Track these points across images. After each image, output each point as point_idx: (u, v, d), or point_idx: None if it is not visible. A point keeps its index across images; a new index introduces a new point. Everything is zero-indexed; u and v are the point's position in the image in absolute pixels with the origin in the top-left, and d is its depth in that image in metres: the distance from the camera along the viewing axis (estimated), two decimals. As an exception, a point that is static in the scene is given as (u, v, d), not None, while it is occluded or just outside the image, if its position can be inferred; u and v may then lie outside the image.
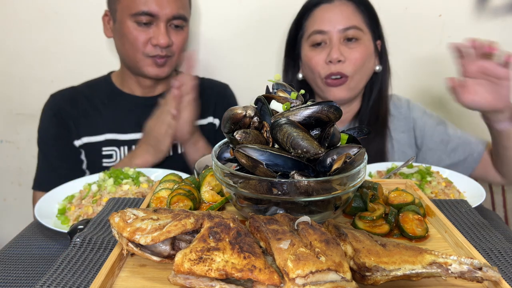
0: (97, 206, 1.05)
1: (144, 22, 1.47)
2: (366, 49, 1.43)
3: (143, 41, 1.48)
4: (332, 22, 1.40)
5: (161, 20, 1.46)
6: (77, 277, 0.64)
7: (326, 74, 1.42)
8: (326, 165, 0.67)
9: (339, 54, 1.39)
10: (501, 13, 1.79)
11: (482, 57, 1.29)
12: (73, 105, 1.59)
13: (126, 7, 1.48)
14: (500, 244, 0.72)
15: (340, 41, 1.41)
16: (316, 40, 1.43)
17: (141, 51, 1.50)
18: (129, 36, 1.49)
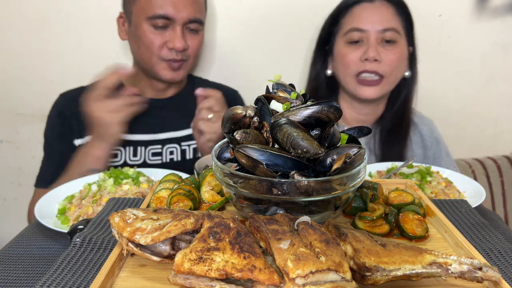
0: (97, 206, 1.05)
1: (160, 26, 1.46)
2: (401, 52, 1.45)
3: (159, 45, 1.47)
4: (371, 22, 1.41)
5: (178, 24, 1.46)
6: (77, 277, 0.64)
7: (360, 71, 1.43)
8: (326, 165, 0.67)
9: (376, 53, 1.40)
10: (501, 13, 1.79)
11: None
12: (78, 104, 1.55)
13: (142, 10, 1.47)
14: (500, 244, 0.72)
15: (378, 41, 1.42)
16: (353, 37, 1.44)
17: (156, 55, 1.49)
18: (145, 39, 1.48)
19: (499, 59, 1.86)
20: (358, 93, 1.47)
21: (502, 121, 1.97)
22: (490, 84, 1.90)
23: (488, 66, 1.87)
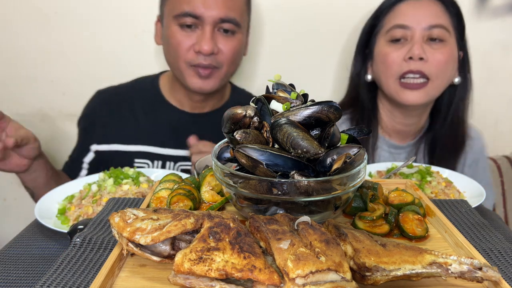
0: (97, 206, 1.05)
1: (188, 25, 1.32)
2: (451, 52, 1.31)
3: (186, 47, 1.33)
4: (417, 18, 1.29)
5: (207, 23, 1.30)
6: (77, 277, 0.64)
7: (403, 72, 1.30)
8: (326, 165, 0.67)
9: (422, 51, 1.27)
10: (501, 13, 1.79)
11: None
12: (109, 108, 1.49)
13: (170, 9, 1.35)
14: (500, 244, 0.72)
15: (424, 39, 1.29)
16: (395, 34, 1.31)
17: (183, 59, 1.34)
18: (172, 40, 1.34)
19: (499, 59, 1.86)
20: (400, 97, 1.32)
21: (502, 121, 1.97)
22: (490, 84, 1.90)
23: (488, 66, 1.87)
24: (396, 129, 1.47)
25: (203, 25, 1.31)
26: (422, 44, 1.29)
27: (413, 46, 1.28)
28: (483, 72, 1.88)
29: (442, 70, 1.30)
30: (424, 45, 1.29)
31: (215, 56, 1.34)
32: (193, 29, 1.33)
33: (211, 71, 1.35)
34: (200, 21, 1.31)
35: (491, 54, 1.85)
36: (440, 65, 1.29)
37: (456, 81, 1.38)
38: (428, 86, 1.31)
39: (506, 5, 1.77)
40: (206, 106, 1.50)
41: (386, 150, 1.49)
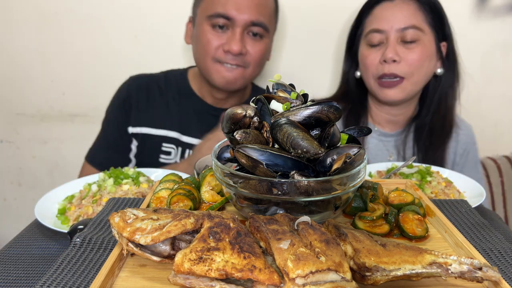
0: (97, 206, 1.05)
1: (220, 26, 1.39)
2: (425, 50, 1.38)
3: (216, 46, 1.40)
4: (390, 21, 1.37)
5: (238, 25, 1.38)
6: (77, 277, 0.64)
7: (379, 74, 1.39)
8: (326, 165, 0.67)
9: (394, 54, 1.35)
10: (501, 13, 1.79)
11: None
12: (145, 93, 1.57)
13: (204, 9, 1.42)
14: (500, 244, 0.72)
15: (397, 41, 1.37)
16: (373, 39, 1.40)
17: (211, 56, 1.42)
18: (203, 38, 1.41)
19: (499, 59, 1.86)
20: (380, 95, 1.43)
21: (502, 121, 1.97)
22: (490, 84, 1.90)
23: (488, 66, 1.87)
24: (385, 119, 1.56)
25: (234, 27, 1.38)
26: (396, 46, 1.37)
27: (386, 49, 1.37)
28: (483, 72, 1.88)
29: (416, 68, 1.38)
30: (397, 47, 1.37)
31: (243, 56, 1.41)
32: (224, 30, 1.40)
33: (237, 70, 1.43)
34: (231, 23, 1.38)
35: (491, 54, 1.85)
36: (414, 63, 1.37)
37: (439, 72, 1.45)
38: (404, 83, 1.39)
39: (506, 5, 1.78)
40: (227, 103, 1.57)
41: (376, 137, 1.56)
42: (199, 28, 1.44)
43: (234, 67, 1.42)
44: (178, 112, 1.56)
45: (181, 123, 1.54)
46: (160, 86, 1.58)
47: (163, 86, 1.58)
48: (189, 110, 1.56)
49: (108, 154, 1.53)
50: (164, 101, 1.56)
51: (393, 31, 1.36)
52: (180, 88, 1.59)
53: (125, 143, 1.56)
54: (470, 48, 1.83)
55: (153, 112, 1.55)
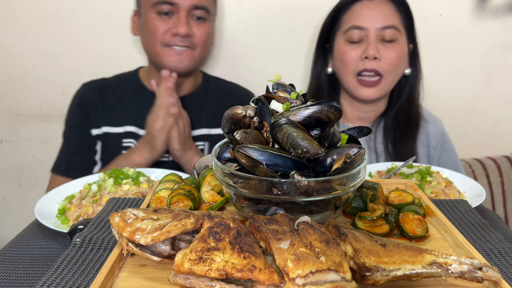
0: (97, 206, 1.05)
1: (165, 12, 1.47)
2: (401, 50, 1.44)
3: (163, 31, 1.47)
4: (372, 19, 1.41)
5: (182, 9, 1.46)
6: (77, 277, 0.64)
7: (360, 70, 1.43)
8: (326, 165, 0.67)
9: (376, 51, 1.39)
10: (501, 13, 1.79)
11: None
12: (99, 95, 1.62)
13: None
14: (500, 244, 0.72)
15: (377, 39, 1.41)
16: (353, 35, 1.43)
17: (160, 41, 1.49)
18: (150, 25, 1.48)
19: (499, 59, 1.86)
20: (358, 93, 1.47)
21: (502, 121, 1.97)
22: (490, 84, 1.90)
23: (488, 66, 1.87)
24: (356, 116, 1.60)
25: (179, 11, 1.46)
26: (376, 44, 1.41)
27: (368, 47, 1.41)
28: (483, 72, 1.88)
29: (394, 66, 1.43)
30: (377, 45, 1.41)
31: (190, 38, 1.49)
32: (169, 16, 1.47)
33: (185, 50, 1.50)
34: (175, 8, 1.46)
35: (491, 54, 1.85)
36: (392, 62, 1.42)
37: (407, 72, 1.51)
38: (382, 83, 1.45)
39: (506, 5, 1.78)
40: (180, 91, 1.61)
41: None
42: (145, 17, 1.50)
43: (183, 48, 1.50)
44: (134, 108, 1.61)
45: (137, 118, 1.59)
46: (112, 87, 1.64)
47: (115, 87, 1.65)
48: (143, 105, 1.59)
49: (73, 160, 1.58)
50: (119, 100, 1.62)
51: (373, 29, 1.40)
52: (133, 86, 1.65)
53: (91, 146, 1.60)
54: (470, 48, 1.84)
55: (110, 112, 1.60)
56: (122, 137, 1.59)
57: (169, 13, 1.48)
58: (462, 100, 1.92)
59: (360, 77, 1.45)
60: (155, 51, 1.52)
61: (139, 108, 1.60)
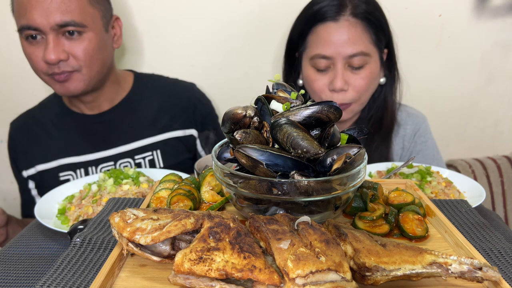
0: (97, 206, 1.05)
1: (33, 36, 1.29)
2: (371, 73, 1.36)
3: (38, 59, 1.31)
4: (337, 47, 1.31)
5: (47, 32, 1.27)
6: (77, 277, 0.64)
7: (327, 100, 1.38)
8: (326, 165, 0.67)
9: (343, 84, 1.33)
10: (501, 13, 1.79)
11: None
12: (24, 133, 1.52)
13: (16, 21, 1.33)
14: (500, 244, 0.72)
15: (345, 67, 1.33)
16: (319, 64, 1.35)
17: (40, 70, 1.33)
18: (25, 54, 1.34)
19: (499, 59, 1.86)
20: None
21: (502, 121, 1.97)
22: (490, 84, 1.90)
23: (488, 66, 1.87)
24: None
25: (45, 34, 1.28)
26: (344, 73, 1.34)
27: (335, 79, 1.33)
28: (483, 72, 1.88)
29: (363, 92, 1.37)
30: (345, 73, 1.34)
31: (67, 62, 1.31)
32: (39, 40, 1.30)
33: (67, 75, 1.33)
34: (41, 32, 1.28)
35: (491, 54, 1.85)
36: (361, 89, 1.36)
37: (381, 82, 1.44)
38: (352, 106, 1.39)
39: (506, 5, 1.77)
40: (102, 104, 1.50)
41: None
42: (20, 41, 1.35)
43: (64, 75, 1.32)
44: (63, 137, 1.50)
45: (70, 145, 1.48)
46: (36, 118, 1.54)
47: (40, 117, 1.54)
48: (72, 130, 1.50)
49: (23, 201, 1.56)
50: (45, 132, 1.51)
51: (340, 58, 1.32)
52: (57, 111, 1.53)
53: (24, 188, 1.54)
54: (470, 48, 1.84)
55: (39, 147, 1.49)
56: (58, 172, 1.47)
57: (38, 37, 1.29)
58: (462, 100, 1.92)
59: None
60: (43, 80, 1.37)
61: (69, 134, 1.49)
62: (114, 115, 1.51)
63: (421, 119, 1.53)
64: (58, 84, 1.34)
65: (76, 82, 1.35)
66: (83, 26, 1.31)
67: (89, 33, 1.33)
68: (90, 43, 1.33)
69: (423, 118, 1.53)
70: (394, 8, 1.74)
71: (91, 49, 1.34)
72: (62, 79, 1.32)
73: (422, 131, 1.51)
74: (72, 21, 1.28)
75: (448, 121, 1.94)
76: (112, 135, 1.50)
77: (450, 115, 1.94)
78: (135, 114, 1.52)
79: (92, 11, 1.34)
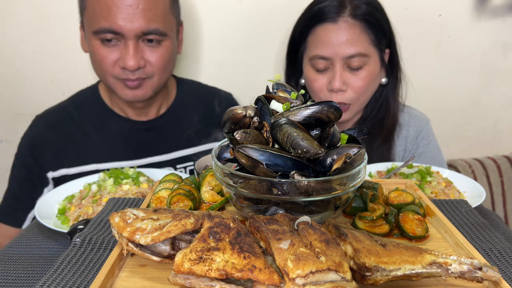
0: (97, 206, 1.05)
1: (108, 39, 1.24)
2: (370, 75, 1.36)
3: (111, 62, 1.26)
4: (336, 48, 1.31)
5: (129, 38, 1.23)
6: (77, 277, 0.64)
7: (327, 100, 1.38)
8: (326, 165, 0.67)
9: (341, 84, 1.33)
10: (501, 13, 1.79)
11: None
12: (57, 130, 1.40)
13: (89, 22, 1.26)
14: (500, 244, 0.72)
15: (343, 67, 1.34)
16: (318, 65, 1.36)
17: (110, 74, 1.28)
18: (95, 55, 1.27)
19: (499, 59, 1.86)
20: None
21: (502, 121, 1.97)
22: (490, 84, 1.90)
23: (488, 66, 1.87)
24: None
25: (125, 39, 1.23)
26: (342, 74, 1.34)
27: (333, 79, 1.34)
28: (483, 72, 1.88)
29: (362, 93, 1.37)
30: (344, 73, 1.34)
31: (143, 69, 1.28)
32: (115, 43, 1.25)
33: (140, 82, 1.30)
34: (121, 36, 1.23)
35: (491, 54, 1.85)
36: (360, 90, 1.36)
37: (383, 82, 1.44)
38: (352, 107, 1.40)
39: (506, 5, 1.78)
40: (149, 113, 1.45)
41: None
42: (89, 42, 1.29)
43: (137, 82, 1.29)
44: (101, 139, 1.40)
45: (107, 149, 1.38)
46: (72, 116, 1.41)
47: (76, 116, 1.42)
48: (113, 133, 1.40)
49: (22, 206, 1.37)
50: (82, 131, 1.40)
51: (338, 59, 1.32)
52: (98, 110, 1.42)
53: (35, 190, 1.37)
54: (470, 48, 1.84)
55: (73, 148, 1.38)
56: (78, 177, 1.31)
57: (114, 40, 1.24)
58: (462, 100, 1.92)
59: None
60: (108, 83, 1.32)
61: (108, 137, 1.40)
62: (160, 123, 1.45)
63: (424, 121, 1.53)
64: (128, 90, 1.30)
65: (146, 89, 1.32)
66: (165, 35, 1.29)
67: (167, 41, 1.31)
68: (167, 51, 1.31)
69: (426, 120, 1.53)
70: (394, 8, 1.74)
71: (168, 57, 1.32)
72: (135, 86, 1.29)
73: (424, 133, 1.51)
74: (157, 30, 1.25)
75: (448, 121, 1.94)
76: (156, 142, 1.44)
77: (450, 115, 1.94)
78: (180, 123, 1.47)
79: (171, 18, 1.33)
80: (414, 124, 1.52)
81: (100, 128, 1.42)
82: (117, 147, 1.40)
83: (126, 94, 1.31)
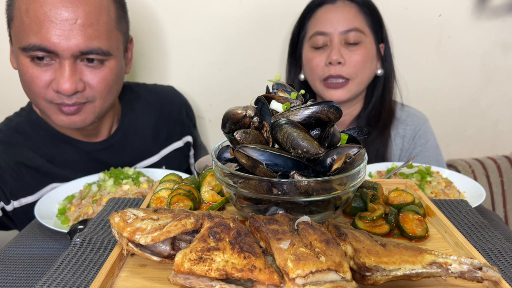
0: (97, 206, 1.05)
1: (40, 57, 1.05)
2: (367, 52, 1.42)
3: (43, 84, 1.07)
4: (334, 24, 1.39)
5: (64, 58, 1.04)
6: (77, 277, 0.64)
7: (325, 76, 1.42)
8: (326, 165, 0.67)
9: (339, 56, 1.38)
10: (501, 13, 1.79)
11: None
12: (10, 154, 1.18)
13: (16, 36, 1.07)
14: (500, 244, 0.72)
15: (341, 43, 1.40)
16: (317, 41, 1.42)
17: (41, 97, 1.08)
18: (25, 76, 1.07)
19: (499, 59, 1.86)
20: (326, 96, 1.46)
21: (502, 121, 1.97)
22: (490, 84, 1.90)
23: (488, 66, 1.87)
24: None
25: (60, 59, 1.05)
26: (340, 48, 1.40)
27: (332, 52, 1.40)
28: (483, 72, 1.88)
29: (360, 69, 1.42)
30: (341, 49, 1.40)
31: (82, 93, 1.10)
32: (48, 62, 1.06)
33: (78, 107, 1.11)
34: (55, 55, 1.05)
35: (491, 54, 1.85)
36: (357, 65, 1.41)
37: (379, 73, 1.49)
38: (349, 84, 1.43)
39: (506, 5, 1.77)
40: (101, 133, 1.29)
41: None
42: (17, 59, 1.09)
43: (75, 107, 1.10)
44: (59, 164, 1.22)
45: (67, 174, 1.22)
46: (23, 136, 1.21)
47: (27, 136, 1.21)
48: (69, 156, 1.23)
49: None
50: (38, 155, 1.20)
51: (336, 34, 1.39)
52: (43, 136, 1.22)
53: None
54: (470, 48, 1.84)
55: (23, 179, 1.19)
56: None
57: (46, 59, 1.05)
58: (462, 100, 1.92)
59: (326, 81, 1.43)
60: (39, 106, 1.12)
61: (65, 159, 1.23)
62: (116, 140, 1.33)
63: (422, 120, 1.54)
64: (64, 116, 1.11)
65: (85, 114, 1.13)
66: (108, 54, 1.11)
67: (111, 61, 1.13)
68: (111, 72, 1.13)
69: (424, 119, 1.54)
70: (393, 8, 1.74)
71: (111, 79, 1.14)
72: (72, 112, 1.10)
73: (422, 132, 1.52)
74: (98, 49, 1.07)
75: (448, 121, 1.94)
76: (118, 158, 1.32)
77: (450, 115, 1.94)
78: (136, 133, 1.36)
79: (117, 35, 1.15)
80: (411, 123, 1.54)
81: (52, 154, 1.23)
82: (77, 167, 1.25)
83: (61, 120, 1.12)
